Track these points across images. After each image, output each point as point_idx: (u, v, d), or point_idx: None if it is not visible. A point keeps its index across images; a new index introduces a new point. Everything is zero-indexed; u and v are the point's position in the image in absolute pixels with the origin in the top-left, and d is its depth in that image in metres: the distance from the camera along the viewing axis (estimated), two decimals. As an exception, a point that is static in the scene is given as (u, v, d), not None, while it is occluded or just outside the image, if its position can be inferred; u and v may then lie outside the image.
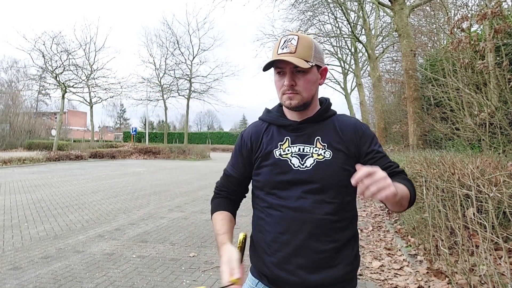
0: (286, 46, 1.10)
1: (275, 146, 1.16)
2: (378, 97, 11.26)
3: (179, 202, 7.38)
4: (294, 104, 1.12)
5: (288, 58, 1.06)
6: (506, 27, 3.45)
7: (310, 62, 1.09)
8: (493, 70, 4.07)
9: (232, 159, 1.28)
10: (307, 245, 1.08)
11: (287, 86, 1.10)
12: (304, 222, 1.08)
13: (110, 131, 65.05)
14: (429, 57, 6.74)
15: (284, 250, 1.10)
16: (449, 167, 3.03)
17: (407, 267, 3.50)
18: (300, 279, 1.08)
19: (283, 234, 1.10)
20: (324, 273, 1.08)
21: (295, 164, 1.12)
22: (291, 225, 1.09)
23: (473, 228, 2.59)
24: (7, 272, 3.46)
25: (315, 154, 1.12)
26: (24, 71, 33.10)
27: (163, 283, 3.23)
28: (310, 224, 1.08)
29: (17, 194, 8.12)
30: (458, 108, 5.05)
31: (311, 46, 1.11)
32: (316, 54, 1.12)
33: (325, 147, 1.13)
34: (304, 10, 15.63)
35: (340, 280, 1.11)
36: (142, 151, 24.94)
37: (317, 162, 1.11)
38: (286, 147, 1.14)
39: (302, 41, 1.10)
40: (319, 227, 1.08)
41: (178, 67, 29.84)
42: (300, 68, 1.08)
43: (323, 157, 1.11)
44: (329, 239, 1.09)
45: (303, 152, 1.13)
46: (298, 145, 1.14)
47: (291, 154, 1.13)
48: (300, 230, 1.09)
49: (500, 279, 2.31)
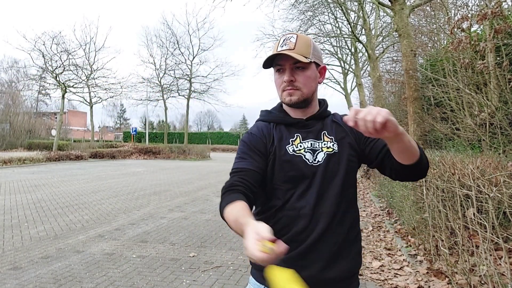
0: (285, 44, 1.12)
1: (287, 143, 1.16)
2: (378, 97, 11.25)
3: (179, 202, 7.38)
4: (294, 100, 1.13)
5: (287, 52, 1.09)
6: (507, 27, 3.45)
7: (308, 58, 1.11)
8: (493, 70, 4.07)
9: (243, 154, 1.14)
10: (321, 239, 1.10)
11: (287, 82, 1.11)
12: (319, 216, 1.10)
13: (110, 131, 65.06)
14: (429, 57, 6.74)
15: (300, 246, 1.10)
16: (449, 167, 3.02)
17: (407, 267, 3.50)
18: (315, 274, 1.09)
19: (298, 231, 1.10)
20: (337, 267, 1.11)
21: (309, 159, 1.13)
22: (306, 221, 1.10)
23: (473, 228, 2.59)
24: (7, 272, 3.46)
25: (324, 147, 1.15)
26: (24, 71, 33.06)
27: (163, 283, 3.23)
28: (325, 218, 1.10)
29: (17, 194, 8.13)
30: (459, 108, 5.05)
31: (310, 44, 1.14)
32: (314, 52, 1.14)
33: (332, 140, 1.16)
34: (304, 10, 15.61)
35: (350, 274, 1.14)
36: (142, 151, 24.93)
37: (328, 155, 1.14)
38: (298, 143, 1.16)
39: (300, 39, 1.13)
40: (333, 221, 1.11)
41: (178, 67, 29.80)
42: (299, 64, 1.10)
43: (332, 150, 1.15)
44: (343, 232, 1.12)
45: (314, 148, 1.15)
46: (309, 141, 1.16)
47: (304, 149, 1.15)
48: (315, 225, 1.10)
49: (500, 279, 2.31)
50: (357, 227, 1.18)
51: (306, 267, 1.09)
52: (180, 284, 3.22)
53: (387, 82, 11.36)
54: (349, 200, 1.16)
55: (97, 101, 28.45)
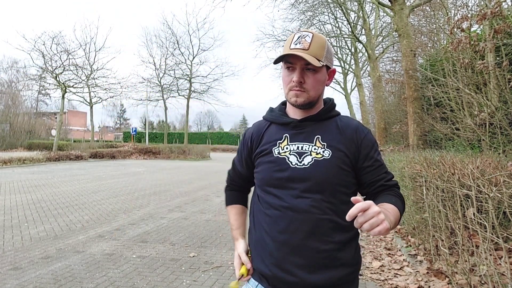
0: (300, 42, 1.08)
1: (274, 145, 1.16)
2: (378, 97, 11.26)
3: (179, 202, 7.38)
4: (300, 102, 1.12)
5: (301, 53, 1.06)
6: (506, 27, 3.45)
7: (321, 61, 1.08)
8: (493, 70, 4.07)
9: (238, 155, 1.34)
10: (306, 244, 1.07)
11: (296, 83, 1.09)
12: (302, 221, 1.08)
13: (110, 131, 65.06)
14: (429, 57, 6.74)
15: (282, 249, 1.09)
16: (449, 167, 3.02)
17: (407, 267, 3.50)
18: (300, 280, 1.07)
19: (281, 233, 1.10)
20: (324, 274, 1.07)
21: (292, 161, 1.11)
22: (289, 224, 1.09)
23: (473, 228, 2.59)
24: (7, 272, 3.46)
25: (313, 152, 1.11)
26: (24, 71, 33.09)
27: (163, 283, 3.24)
28: (308, 223, 1.07)
29: (17, 194, 8.13)
30: (458, 108, 5.05)
31: (324, 46, 1.10)
32: (327, 55, 1.12)
33: (324, 146, 1.12)
34: (304, 10, 15.62)
35: (341, 282, 1.10)
36: (142, 151, 24.93)
37: (315, 161, 1.10)
38: (284, 145, 1.14)
39: (316, 39, 1.09)
40: (318, 226, 1.07)
41: (178, 67, 29.81)
42: (311, 66, 1.08)
43: (322, 156, 1.10)
44: (329, 239, 1.08)
45: (301, 150, 1.12)
46: (297, 143, 1.13)
47: (289, 152, 1.13)
48: (298, 229, 1.08)
49: (500, 279, 2.31)
50: (350, 232, 1.12)
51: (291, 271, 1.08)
52: (180, 284, 3.22)
53: (387, 82, 11.36)
54: (337, 206, 1.09)
55: (97, 101, 28.43)
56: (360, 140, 1.14)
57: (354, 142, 1.13)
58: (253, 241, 1.20)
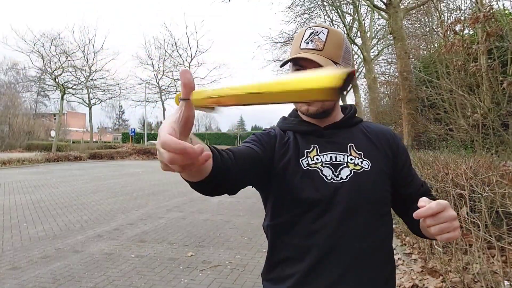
0: (312, 41, 0.88)
1: (301, 155, 0.92)
2: (373, 99, 11.33)
3: (177, 202, 7.41)
4: (312, 111, 0.92)
5: (313, 56, 0.86)
6: (498, 30, 3.52)
7: (338, 64, 0.88)
8: (485, 72, 4.14)
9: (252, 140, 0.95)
10: (346, 279, 0.87)
11: None
12: (344, 252, 0.88)
13: (108, 132, 64.87)
14: (423, 59, 6.82)
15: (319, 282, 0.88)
16: (442, 167, 3.07)
17: (402, 266, 3.55)
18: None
19: (310, 271, 0.89)
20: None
21: (327, 175, 0.89)
22: (321, 257, 0.88)
23: (466, 227, 2.64)
24: (6, 272, 3.49)
25: (351, 164, 0.91)
26: (23, 73, 32.99)
27: (161, 282, 3.27)
28: (350, 253, 0.87)
29: (16, 194, 8.14)
30: (452, 110, 5.12)
31: (342, 45, 0.91)
32: (345, 55, 0.92)
33: (361, 156, 0.92)
34: (300, 13, 15.72)
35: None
36: (140, 152, 24.93)
37: (355, 173, 0.89)
38: (314, 156, 0.92)
39: (332, 36, 0.89)
40: (361, 257, 0.88)
41: (176, 68, 29.88)
42: None
43: (361, 167, 0.90)
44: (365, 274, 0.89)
45: (336, 161, 0.91)
46: (329, 153, 0.91)
47: (321, 163, 0.90)
48: (333, 264, 0.87)
49: (493, 277, 2.35)
50: (391, 263, 0.96)
51: None
52: (178, 283, 3.26)
53: (382, 84, 11.44)
54: (382, 234, 0.92)
55: (95, 102, 28.47)
56: (395, 145, 0.98)
57: (391, 148, 0.97)
58: (275, 274, 0.96)
